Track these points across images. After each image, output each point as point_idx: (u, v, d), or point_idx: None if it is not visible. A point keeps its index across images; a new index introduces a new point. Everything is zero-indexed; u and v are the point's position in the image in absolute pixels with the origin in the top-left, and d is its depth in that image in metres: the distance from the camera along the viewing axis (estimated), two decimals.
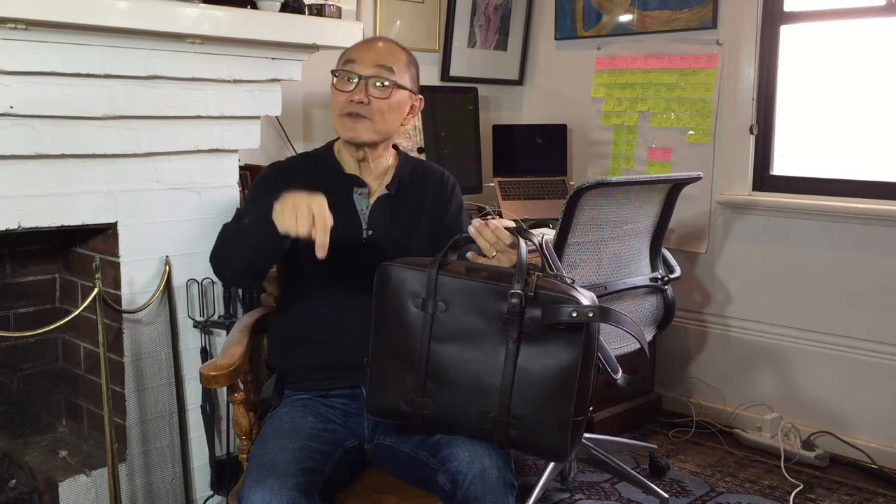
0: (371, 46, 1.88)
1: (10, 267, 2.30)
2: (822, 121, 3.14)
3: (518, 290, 1.50)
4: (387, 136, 1.89)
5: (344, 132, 1.85)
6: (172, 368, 2.32)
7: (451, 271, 1.58)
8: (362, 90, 1.81)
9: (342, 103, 1.83)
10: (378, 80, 1.82)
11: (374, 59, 1.83)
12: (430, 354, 1.57)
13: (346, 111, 1.83)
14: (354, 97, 1.81)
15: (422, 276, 1.58)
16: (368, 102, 1.81)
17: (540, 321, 1.50)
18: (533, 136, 3.52)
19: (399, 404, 1.61)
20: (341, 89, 1.84)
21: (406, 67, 1.88)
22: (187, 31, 2.09)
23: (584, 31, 3.60)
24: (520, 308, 1.50)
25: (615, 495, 2.71)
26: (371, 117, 1.82)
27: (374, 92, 1.82)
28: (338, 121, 1.85)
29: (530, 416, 1.53)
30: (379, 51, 1.86)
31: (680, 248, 3.32)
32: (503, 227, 1.63)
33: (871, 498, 2.74)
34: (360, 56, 1.84)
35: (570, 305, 1.48)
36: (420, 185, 1.95)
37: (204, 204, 2.32)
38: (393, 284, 1.60)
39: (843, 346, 3.01)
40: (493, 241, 1.63)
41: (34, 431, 2.39)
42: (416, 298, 1.58)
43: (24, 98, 1.92)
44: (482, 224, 1.64)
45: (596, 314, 1.48)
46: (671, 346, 3.43)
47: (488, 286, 1.55)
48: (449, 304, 1.56)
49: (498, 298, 1.53)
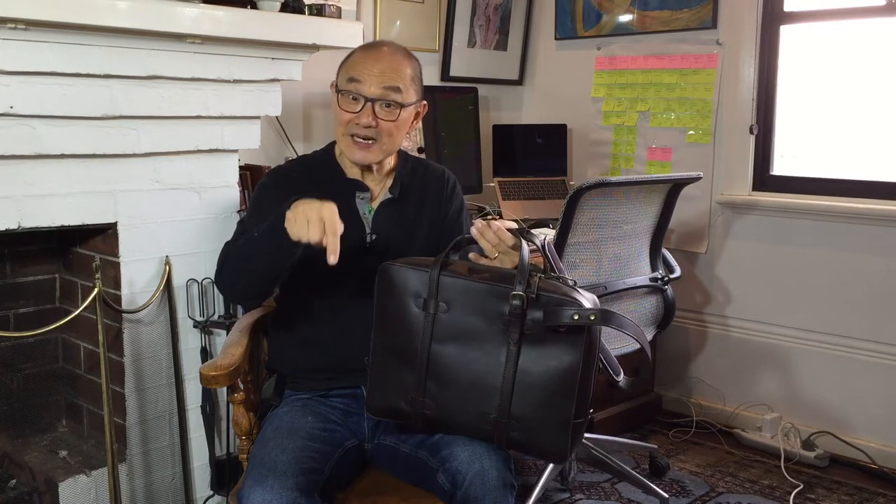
0: (376, 61, 1.79)
1: (10, 267, 2.30)
2: (822, 121, 3.14)
3: (520, 292, 1.50)
4: (394, 151, 1.88)
5: (352, 155, 1.82)
6: (172, 368, 2.32)
7: (453, 272, 1.58)
8: (369, 113, 1.77)
9: (348, 124, 1.79)
10: (385, 103, 1.78)
11: (381, 79, 1.77)
12: (431, 354, 1.57)
13: (352, 133, 1.80)
14: (361, 120, 1.77)
15: (424, 277, 1.58)
16: (376, 125, 1.78)
17: (541, 323, 1.50)
18: (533, 136, 3.52)
19: (399, 404, 1.61)
20: (347, 109, 1.79)
21: (412, 82, 1.82)
22: (187, 31, 2.09)
23: (584, 31, 3.60)
24: (521, 310, 1.50)
25: (615, 495, 2.71)
26: (379, 139, 1.80)
27: (381, 114, 1.78)
28: (344, 142, 1.82)
29: (531, 417, 1.53)
30: (384, 68, 1.78)
31: (680, 248, 3.32)
32: (505, 228, 1.63)
33: (871, 498, 2.74)
34: (365, 74, 1.77)
35: (571, 308, 1.48)
36: (421, 184, 1.94)
37: (204, 204, 2.32)
38: (395, 284, 1.61)
39: (843, 346, 3.01)
40: (496, 242, 1.63)
41: (34, 431, 2.38)
42: (417, 298, 1.59)
43: (24, 98, 1.92)
44: (484, 225, 1.64)
45: (597, 317, 1.48)
46: (671, 346, 3.43)
47: (490, 287, 1.55)
48: (450, 304, 1.56)
49: (500, 300, 1.53)
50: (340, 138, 1.84)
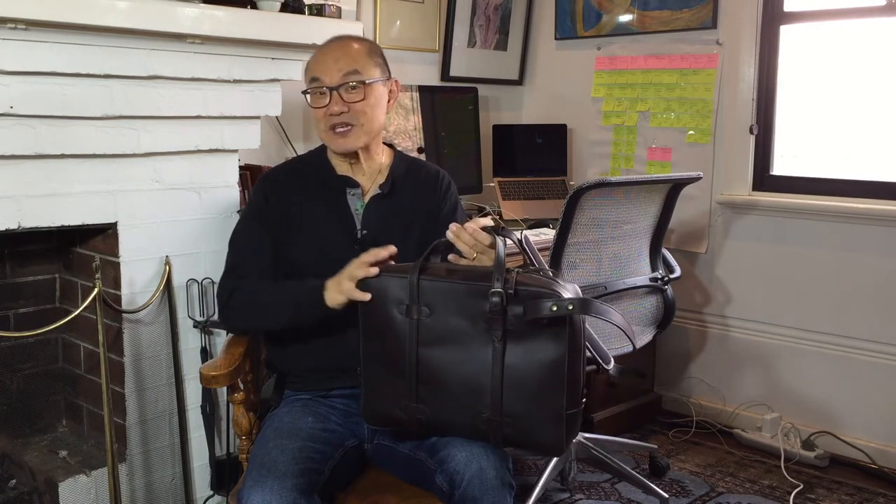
0: (328, 55, 1.86)
1: (10, 267, 2.30)
2: (822, 121, 3.14)
3: (498, 289, 1.51)
4: (376, 133, 1.90)
5: (335, 146, 1.87)
6: (172, 368, 2.32)
7: (431, 275, 1.58)
8: (337, 101, 1.82)
9: (323, 119, 1.84)
10: (349, 86, 1.82)
11: (336, 66, 1.82)
12: (420, 360, 1.58)
13: (329, 125, 1.84)
14: (333, 110, 1.82)
15: (404, 283, 1.58)
16: (348, 110, 1.82)
17: (522, 318, 1.50)
18: (533, 136, 3.52)
19: (394, 411, 1.62)
20: (317, 106, 1.84)
21: (369, 59, 1.86)
22: (187, 31, 2.09)
23: (584, 31, 3.60)
24: (501, 306, 1.50)
25: (615, 495, 2.71)
26: (355, 122, 1.84)
27: (348, 97, 1.82)
28: (325, 136, 1.87)
29: (523, 412, 1.53)
30: (337, 56, 1.84)
31: (680, 248, 3.32)
32: (480, 227, 1.64)
33: (871, 498, 2.74)
34: (321, 70, 1.84)
35: (550, 300, 1.48)
36: (414, 183, 1.95)
37: (204, 204, 2.32)
38: (376, 293, 1.61)
39: (843, 346, 3.01)
40: (472, 243, 1.64)
41: (34, 431, 2.39)
42: (400, 305, 1.59)
43: (24, 98, 1.92)
44: (459, 227, 1.65)
45: (576, 306, 1.47)
46: (671, 346, 3.43)
47: (469, 286, 1.55)
48: (433, 308, 1.57)
49: (480, 298, 1.53)
50: (323, 135, 1.88)
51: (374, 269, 1.61)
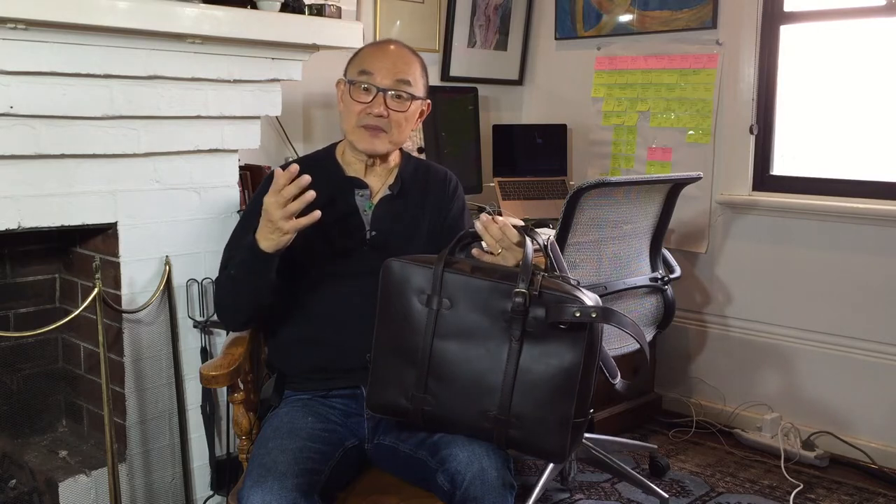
0: (386, 55, 1.86)
1: (10, 267, 2.30)
2: (822, 121, 3.13)
3: (522, 289, 1.51)
4: (399, 145, 1.92)
5: (362, 144, 1.86)
6: (172, 368, 2.32)
7: (457, 269, 1.59)
8: (381, 103, 1.82)
9: (359, 114, 1.83)
10: (397, 94, 1.83)
11: (392, 71, 1.83)
12: (433, 351, 1.58)
13: (364, 123, 1.84)
14: (373, 110, 1.82)
15: (428, 273, 1.59)
16: (388, 116, 1.83)
17: (543, 321, 1.50)
18: (533, 136, 3.52)
19: (400, 400, 1.61)
20: (358, 100, 1.83)
21: (420, 77, 1.89)
22: (187, 31, 2.09)
23: (584, 31, 3.60)
24: (524, 307, 1.50)
25: (615, 495, 2.71)
26: (388, 129, 1.84)
27: (392, 104, 1.83)
28: (354, 132, 1.86)
29: (530, 415, 1.53)
30: (395, 61, 1.85)
31: (680, 248, 3.32)
32: (510, 224, 1.64)
33: (871, 498, 2.74)
34: (376, 67, 1.83)
35: (573, 305, 1.48)
36: (422, 184, 1.95)
37: (204, 204, 2.32)
38: (399, 280, 1.61)
39: (843, 346, 3.01)
40: (500, 237, 1.64)
41: (34, 431, 2.39)
42: (421, 295, 1.59)
43: (24, 98, 1.92)
44: (489, 220, 1.65)
45: (599, 314, 1.48)
46: (671, 346, 3.43)
47: (493, 284, 1.55)
48: (454, 301, 1.57)
49: (502, 297, 1.53)
50: (352, 130, 1.86)
51: (292, 207, 1.61)
